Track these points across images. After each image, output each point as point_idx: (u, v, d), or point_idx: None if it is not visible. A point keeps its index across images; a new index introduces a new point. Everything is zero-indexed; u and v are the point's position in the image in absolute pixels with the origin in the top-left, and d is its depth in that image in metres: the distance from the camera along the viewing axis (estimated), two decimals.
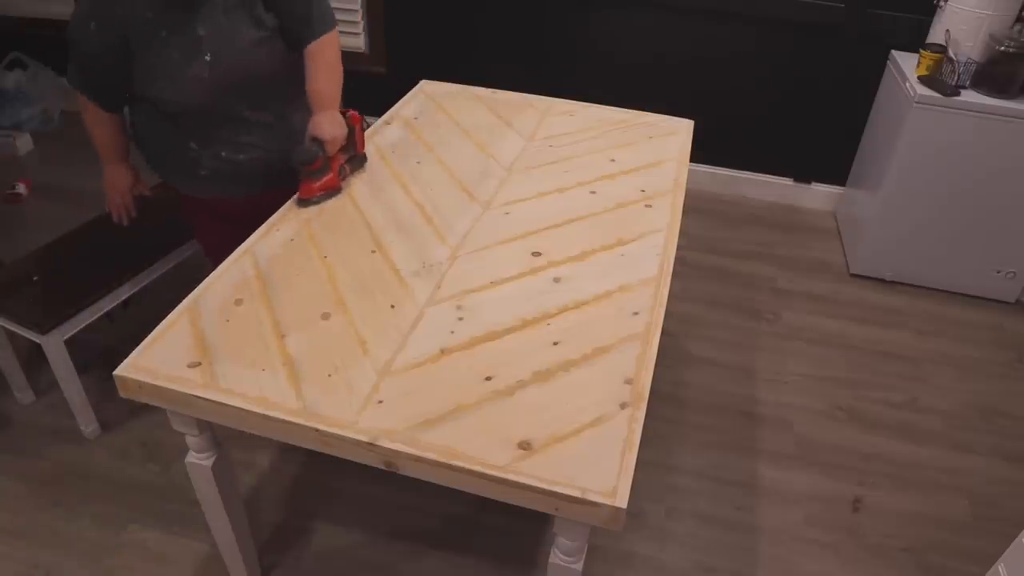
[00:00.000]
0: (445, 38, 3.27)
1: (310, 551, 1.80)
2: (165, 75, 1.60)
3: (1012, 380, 2.40)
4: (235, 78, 1.65)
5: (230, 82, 1.65)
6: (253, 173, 1.78)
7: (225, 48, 1.61)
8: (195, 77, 1.60)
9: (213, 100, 1.65)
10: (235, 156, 1.74)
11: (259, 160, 1.77)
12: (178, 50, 1.58)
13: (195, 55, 1.59)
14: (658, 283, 1.51)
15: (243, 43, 1.63)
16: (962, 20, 2.45)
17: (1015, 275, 2.67)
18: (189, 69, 1.59)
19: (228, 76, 1.64)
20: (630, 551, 1.83)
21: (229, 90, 1.66)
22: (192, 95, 1.63)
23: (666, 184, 1.86)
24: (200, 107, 1.66)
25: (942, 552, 1.87)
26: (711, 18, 2.93)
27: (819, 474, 2.05)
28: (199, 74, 1.60)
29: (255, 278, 1.47)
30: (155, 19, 1.57)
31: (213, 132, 1.71)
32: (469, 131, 2.08)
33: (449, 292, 1.46)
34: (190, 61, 1.59)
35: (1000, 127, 2.40)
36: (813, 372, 2.39)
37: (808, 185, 3.25)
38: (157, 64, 1.59)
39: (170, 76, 1.60)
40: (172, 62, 1.59)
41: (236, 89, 1.67)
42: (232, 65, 1.63)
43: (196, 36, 1.59)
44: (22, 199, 3.08)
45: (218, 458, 1.41)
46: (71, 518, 1.86)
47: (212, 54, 1.60)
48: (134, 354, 1.28)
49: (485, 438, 1.15)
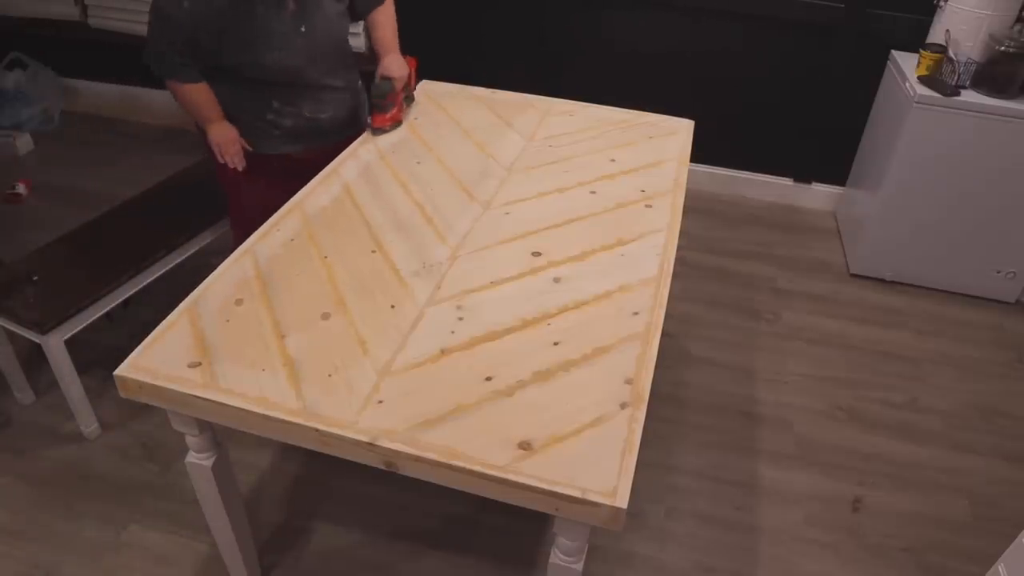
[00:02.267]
0: (446, 38, 3.27)
1: (310, 551, 1.80)
2: (266, 44, 1.78)
3: (1012, 380, 2.40)
4: (325, 48, 1.89)
5: (320, 51, 1.88)
6: (327, 128, 2.02)
7: (319, 20, 1.83)
8: (293, 46, 1.81)
9: (306, 65, 1.87)
10: (317, 115, 1.97)
11: (333, 118, 2.02)
12: (276, 22, 1.77)
13: (292, 26, 1.80)
14: (658, 283, 1.51)
15: (331, 14, 1.87)
16: (962, 20, 2.45)
17: (1015, 275, 2.67)
18: (288, 39, 1.79)
19: (320, 46, 1.87)
20: (630, 551, 1.83)
21: (318, 58, 1.88)
22: (290, 61, 1.83)
23: (666, 184, 1.86)
24: (293, 72, 1.86)
25: (942, 552, 1.87)
26: (711, 18, 2.93)
27: (819, 474, 2.05)
28: (296, 43, 1.81)
29: (255, 278, 1.47)
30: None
31: (296, 95, 1.92)
32: (469, 131, 2.08)
33: (449, 292, 1.46)
34: (288, 32, 1.79)
35: (1000, 127, 2.40)
36: (813, 372, 2.39)
37: (808, 185, 3.25)
38: (258, 36, 1.76)
39: (270, 45, 1.78)
40: (273, 33, 1.77)
41: (322, 56, 1.89)
42: (324, 35, 1.86)
43: (291, 9, 1.78)
44: (22, 199, 3.08)
45: (218, 458, 1.41)
46: (71, 518, 1.86)
47: (307, 25, 1.81)
48: (134, 354, 1.28)
49: (485, 438, 1.15)
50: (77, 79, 3.73)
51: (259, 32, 1.76)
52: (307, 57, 1.85)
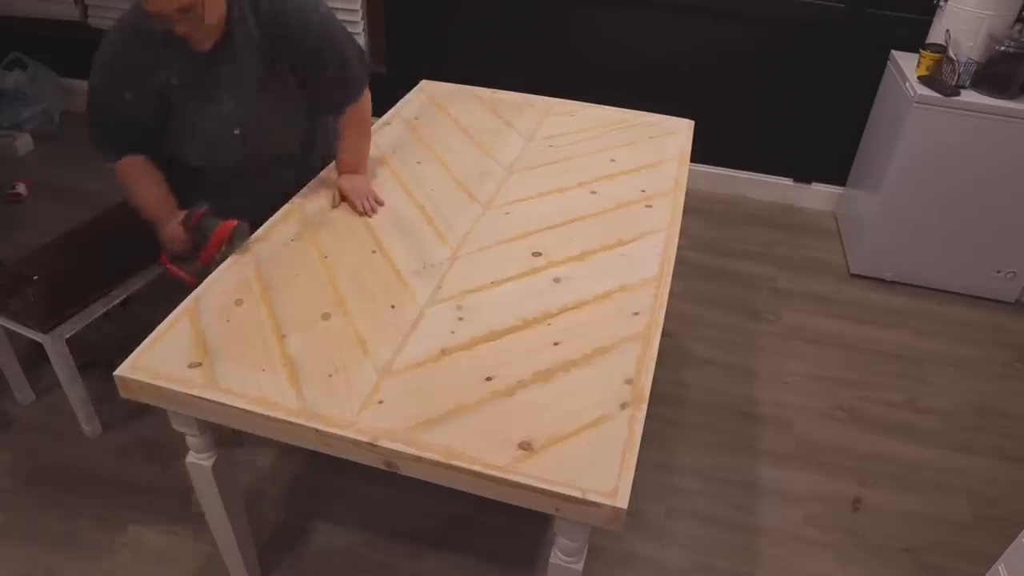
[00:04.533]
0: (446, 38, 3.27)
1: (310, 551, 1.80)
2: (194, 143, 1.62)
3: (1012, 380, 2.40)
4: (263, 148, 1.70)
5: (257, 151, 1.69)
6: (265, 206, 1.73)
7: (256, 122, 1.64)
8: (224, 147, 1.64)
9: (243, 165, 1.70)
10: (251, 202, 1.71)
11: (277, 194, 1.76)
12: (207, 120, 1.60)
13: (225, 128, 1.62)
14: (658, 283, 1.51)
15: (271, 118, 1.67)
16: (962, 20, 2.45)
17: (1015, 275, 2.67)
18: (218, 140, 1.62)
19: (256, 147, 1.68)
20: (630, 551, 1.83)
21: (256, 159, 1.71)
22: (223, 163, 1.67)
23: (666, 184, 1.86)
24: (227, 171, 1.70)
25: (942, 552, 1.87)
26: (711, 18, 2.93)
27: (819, 474, 2.05)
28: (228, 144, 1.64)
29: (255, 278, 1.47)
30: (182, 88, 1.56)
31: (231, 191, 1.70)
32: (469, 131, 2.08)
33: (449, 292, 1.46)
34: (219, 133, 1.62)
35: (1000, 127, 2.40)
36: (813, 372, 2.39)
37: (808, 185, 3.25)
38: (186, 133, 1.61)
39: (200, 144, 1.63)
40: (202, 132, 1.61)
41: (262, 156, 1.72)
42: (261, 138, 1.67)
43: (226, 109, 1.60)
44: (22, 199, 3.08)
45: (218, 458, 1.40)
46: (71, 518, 1.86)
47: (241, 127, 1.63)
48: (134, 354, 1.28)
49: (485, 438, 1.15)
50: (77, 79, 3.73)
51: (190, 130, 1.62)
52: (242, 157, 1.68)
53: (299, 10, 1.58)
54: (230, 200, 1.65)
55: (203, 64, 1.56)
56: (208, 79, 1.57)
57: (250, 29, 1.56)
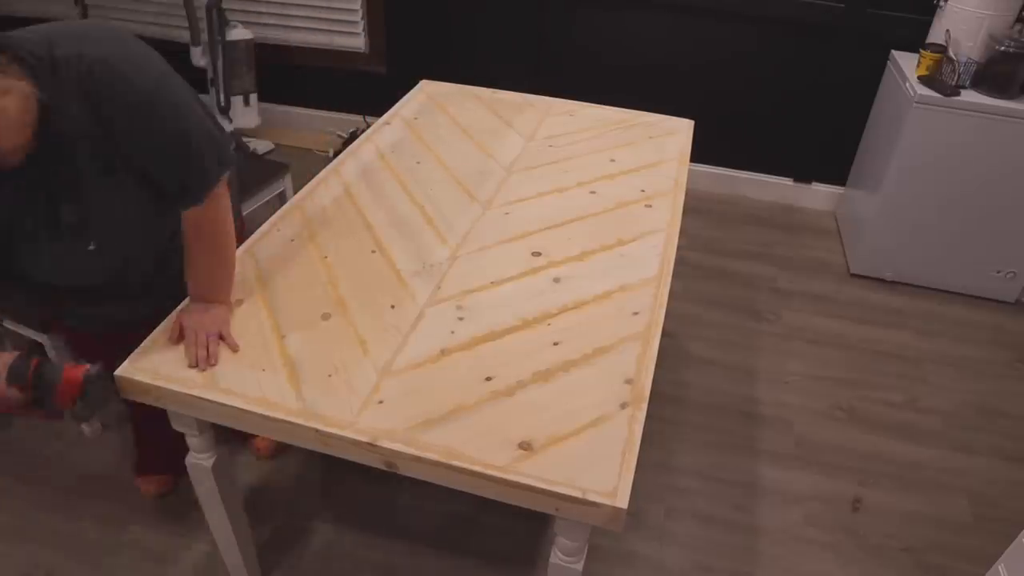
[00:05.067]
0: (445, 38, 3.27)
1: (310, 551, 1.80)
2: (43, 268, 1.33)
3: (1012, 380, 2.40)
4: (129, 253, 1.39)
5: (123, 261, 1.39)
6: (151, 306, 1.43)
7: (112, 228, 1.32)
8: (80, 264, 1.33)
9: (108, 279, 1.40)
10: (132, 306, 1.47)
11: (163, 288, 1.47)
12: (51, 241, 1.29)
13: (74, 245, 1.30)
14: (658, 283, 1.51)
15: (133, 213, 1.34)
16: (962, 20, 2.45)
17: (1015, 275, 2.67)
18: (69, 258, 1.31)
19: (118, 258, 1.37)
20: (630, 551, 1.83)
21: (124, 266, 1.40)
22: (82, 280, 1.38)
23: (666, 184, 1.86)
24: (91, 289, 1.42)
25: (942, 552, 1.87)
26: (711, 18, 2.93)
27: (819, 474, 2.05)
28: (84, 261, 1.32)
29: (255, 278, 1.47)
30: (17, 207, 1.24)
31: (107, 289, 1.43)
32: (469, 131, 2.08)
33: (449, 292, 1.46)
34: (68, 253, 1.30)
35: (1000, 127, 2.40)
36: (813, 372, 2.39)
37: (808, 185, 3.25)
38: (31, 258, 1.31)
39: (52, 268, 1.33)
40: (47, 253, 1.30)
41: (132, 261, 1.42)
42: (122, 245, 1.36)
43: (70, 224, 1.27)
44: None
45: (218, 458, 1.41)
46: (71, 518, 1.86)
47: (96, 240, 1.31)
48: (134, 354, 1.28)
49: (485, 438, 1.15)
50: None
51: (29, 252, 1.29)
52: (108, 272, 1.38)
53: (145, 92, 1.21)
54: (103, 306, 1.45)
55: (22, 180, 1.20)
56: (34, 195, 1.24)
57: (78, 123, 1.19)
